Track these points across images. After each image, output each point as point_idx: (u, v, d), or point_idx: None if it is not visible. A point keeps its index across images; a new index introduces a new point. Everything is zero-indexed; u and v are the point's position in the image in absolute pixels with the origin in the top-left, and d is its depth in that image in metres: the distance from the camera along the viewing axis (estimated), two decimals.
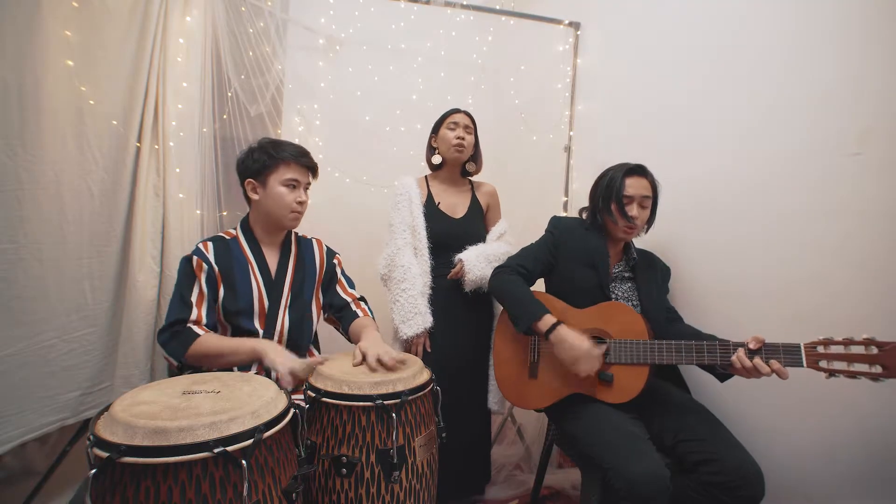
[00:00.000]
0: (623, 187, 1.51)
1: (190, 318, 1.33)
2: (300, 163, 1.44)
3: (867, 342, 1.08)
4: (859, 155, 1.25)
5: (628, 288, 1.58)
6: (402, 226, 1.82)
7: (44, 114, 1.47)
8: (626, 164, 1.56)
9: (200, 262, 1.37)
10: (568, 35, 2.33)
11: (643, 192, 1.51)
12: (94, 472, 0.82)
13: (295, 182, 1.44)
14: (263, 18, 2.07)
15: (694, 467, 1.27)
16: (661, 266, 1.66)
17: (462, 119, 1.88)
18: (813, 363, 1.14)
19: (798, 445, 1.37)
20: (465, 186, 1.99)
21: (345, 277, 1.64)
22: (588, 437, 1.35)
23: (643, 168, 1.55)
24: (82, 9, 1.56)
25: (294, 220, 1.48)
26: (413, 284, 1.75)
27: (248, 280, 1.42)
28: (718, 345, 1.27)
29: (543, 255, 1.63)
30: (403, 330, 1.73)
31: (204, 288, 1.36)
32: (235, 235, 1.47)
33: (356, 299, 1.61)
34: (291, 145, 1.47)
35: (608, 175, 1.57)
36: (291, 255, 1.52)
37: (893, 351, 1.05)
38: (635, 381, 1.38)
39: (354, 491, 1.15)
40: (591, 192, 1.64)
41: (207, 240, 1.43)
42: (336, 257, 1.64)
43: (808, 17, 1.39)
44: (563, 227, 1.67)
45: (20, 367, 1.47)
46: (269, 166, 1.42)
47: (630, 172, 1.53)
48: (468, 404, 1.83)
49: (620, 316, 1.44)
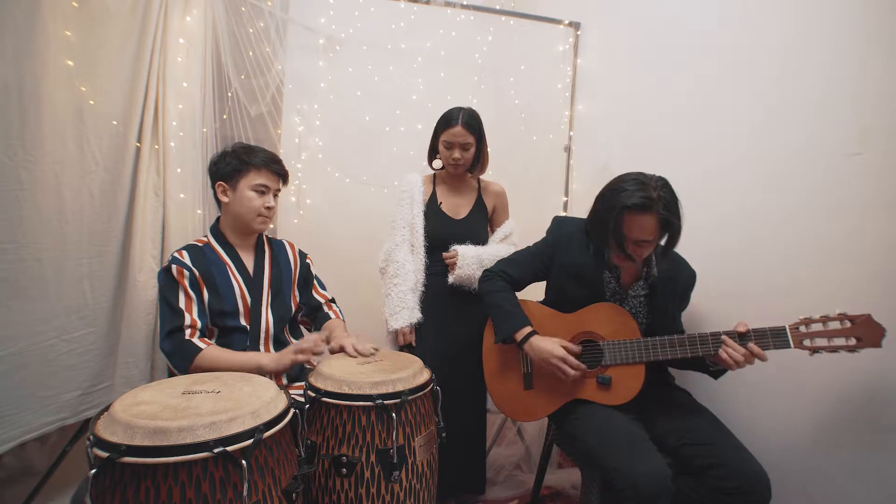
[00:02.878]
0: (621, 225, 1.29)
1: (184, 324, 1.33)
2: (271, 169, 1.47)
3: (841, 317, 1.17)
4: (859, 155, 1.25)
5: (639, 304, 1.47)
6: (402, 223, 1.84)
7: (44, 114, 1.47)
8: (629, 193, 1.26)
9: (180, 269, 1.38)
10: (568, 35, 2.33)
11: (642, 236, 1.28)
12: (94, 472, 0.82)
13: (264, 188, 1.46)
14: (263, 18, 2.07)
15: (700, 471, 1.26)
16: (684, 274, 1.48)
17: (458, 137, 1.77)
18: (798, 343, 1.20)
19: (799, 445, 1.37)
20: (471, 186, 1.97)
21: (317, 279, 1.69)
22: (589, 437, 1.35)
23: (647, 204, 1.24)
24: (82, 9, 1.56)
25: (262, 224, 1.50)
26: (405, 280, 1.78)
27: (229, 280, 1.44)
28: (710, 336, 1.29)
29: (534, 265, 1.57)
30: (390, 322, 1.78)
31: (190, 292, 1.37)
32: (208, 241, 1.49)
33: (328, 301, 1.68)
34: (264, 152, 1.49)
35: (608, 201, 1.32)
36: (266, 255, 1.55)
37: (864, 322, 1.14)
38: (633, 381, 1.38)
39: (354, 491, 1.15)
40: (592, 211, 1.41)
41: (181, 248, 1.45)
42: (308, 258, 1.68)
43: (808, 17, 1.39)
44: (562, 233, 1.55)
45: (20, 367, 1.47)
46: (240, 170, 1.44)
47: (629, 209, 1.26)
48: (461, 404, 1.83)
49: (611, 316, 1.43)
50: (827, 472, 1.30)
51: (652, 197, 1.25)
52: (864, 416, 1.23)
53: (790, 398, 1.39)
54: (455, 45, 2.54)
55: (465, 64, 2.66)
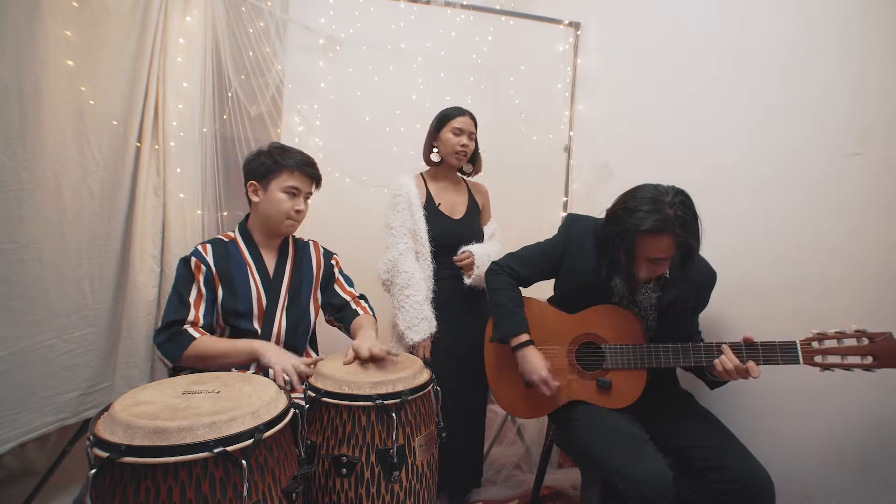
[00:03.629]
0: (633, 246, 1.26)
1: (187, 319, 1.33)
2: (304, 172, 1.45)
3: (858, 334, 1.11)
4: (859, 155, 1.25)
5: (649, 307, 1.44)
6: (403, 229, 1.79)
7: (44, 114, 1.47)
8: (643, 215, 1.21)
9: (199, 263, 1.37)
10: (568, 35, 2.33)
11: (656, 254, 1.25)
12: (94, 472, 0.82)
13: (295, 190, 1.45)
14: (263, 18, 2.08)
15: (702, 473, 1.26)
16: (703, 275, 1.42)
17: (467, 125, 1.83)
18: (808, 359, 1.16)
19: (801, 448, 1.37)
20: (462, 185, 1.98)
21: (343, 276, 1.64)
22: (589, 438, 1.34)
23: (662, 227, 1.19)
24: (82, 9, 1.56)
25: (290, 227, 1.49)
26: (417, 290, 1.73)
27: (247, 281, 1.43)
28: (715, 347, 1.27)
29: (543, 263, 1.55)
30: (410, 336, 1.71)
31: (203, 289, 1.37)
32: (234, 238, 1.48)
33: (356, 297, 1.60)
34: (299, 153, 1.48)
35: (621, 221, 1.27)
36: (289, 259, 1.53)
37: (884, 342, 1.08)
38: (633, 386, 1.37)
39: (354, 491, 1.15)
40: (604, 227, 1.37)
41: (206, 242, 1.44)
42: (334, 258, 1.64)
43: (808, 17, 1.39)
44: (575, 233, 1.51)
45: (20, 367, 1.47)
46: (273, 171, 1.43)
47: (646, 232, 1.21)
48: (468, 406, 1.83)
49: (614, 319, 1.42)
50: (831, 478, 1.30)
51: (667, 218, 1.19)
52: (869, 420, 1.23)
53: (794, 403, 1.39)
54: (455, 45, 2.55)
55: (464, 64, 2.66)
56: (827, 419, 1.31)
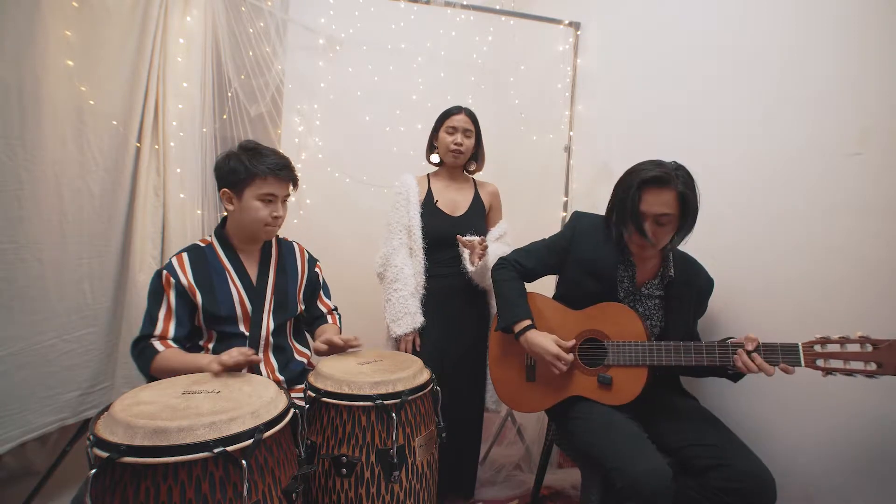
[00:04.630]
0: (639, 201, 1.32)
1: (154, 333, 1.31)
2: (278, 176, 1.36)
3: (862, 340, 1.10)
4: (859, 155, 1.25)
5: (653, 305, 1.46)
6: (399, 226, 1.82)
7: (44, 114, 1.48)
8: (647, 170, 1.33)
9: (169, 277, 1.33)
10: (568, 35, 2.33)
11: (661, 209, 1.30)
12: (94, 472, 0.82)
13: (271, 196, 1.36)
14: (263, 18, 2.08)
15: (703, 472, 1.25)
16: (703, 280, 1.48)
17: (462, 122, 1.83)
18: (810, 362, 1.15)
19: (802, 447, 1.37)
20: (468, 184, 1.98)
21: (324, 288, 1.64)
22: (589, 437, 1.34)
23: (665, 178, 1.30)
24: (82, 9, 1.56)
25: (269, 234, 1.43)
26: (405, 285, 1.77)
27: (227, 287, 1.38)
28: (717, 345, 1.27)
29: (548, 257, 1.57)
30: (393, 328, 1.77)
31: (173, 303, 1.33)
32: (210, 243, 1.43)
33: (331, 310, 1.63)
34: (272, 156, 1.37)
35: (626, 182, 1.37)
36: (272, 262, 1.48)
37: (888, 348, 1.07)
38: (634, 383, 1.37)
39: (354, 491, 1.15)
40: (611, 197, 1.45)
41: (182, 251, 1.39)
42: (317, 265, 1.62)
43: (807, 17, 1.39)
44: (582, 227, 1.54)
45: (20, 367, 1.47)
46: (245, 179, 1.34)
47: (647, 184, 1.31)
48: (463, 405, 1.83)
49: (618, 317, 1.43)
50: (833, 477, 1.30)
51: (670, 172, 1.31)
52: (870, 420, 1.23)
53: (795, 402, 1.39)
54: (455, 45, 2.55)
55: (464, 64, 2.66)
56: (828, 418, 1.31)
